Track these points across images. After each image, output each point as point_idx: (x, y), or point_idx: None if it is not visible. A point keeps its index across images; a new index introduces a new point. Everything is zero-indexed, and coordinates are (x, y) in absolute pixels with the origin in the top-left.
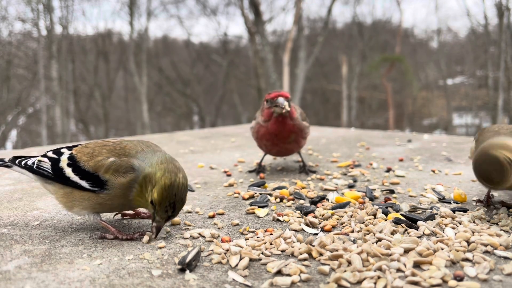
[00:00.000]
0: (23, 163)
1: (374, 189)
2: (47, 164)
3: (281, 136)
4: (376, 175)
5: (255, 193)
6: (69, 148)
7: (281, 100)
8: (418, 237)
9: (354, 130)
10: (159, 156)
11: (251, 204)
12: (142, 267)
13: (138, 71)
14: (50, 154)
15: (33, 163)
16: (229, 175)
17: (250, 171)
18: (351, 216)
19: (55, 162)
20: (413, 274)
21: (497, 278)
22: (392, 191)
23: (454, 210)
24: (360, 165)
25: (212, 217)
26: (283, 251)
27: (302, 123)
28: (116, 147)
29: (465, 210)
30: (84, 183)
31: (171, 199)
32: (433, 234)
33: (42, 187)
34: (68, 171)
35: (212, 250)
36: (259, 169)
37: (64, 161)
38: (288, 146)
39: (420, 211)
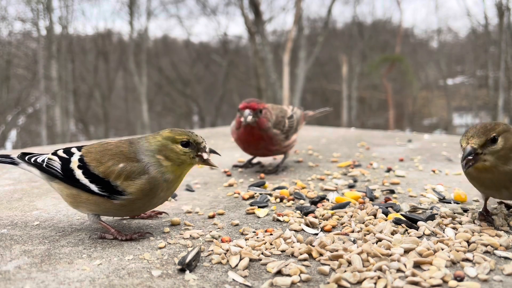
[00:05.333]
0: (32, 160)
1: (374, 189)
2: (57, 164)
3: (250, 143)
4: (376, 175)
5: (255, 193)
6: (79, 148)
7: (246, 113)
8: (418, 237)
9: (354, 130)
10: (144, 139)
11: (251, 204)
12: (142, 267)
13: (138, 71)
14: (61, 153)
15: (43, 161)
16: (229, 175)
17: (238, 166)
18: (351, 216)
19: (65, 162)
20: (413, 274)
21: (497, 278)
22: (392, 191)
23: (454, 211)
24: (360, 165)
25: (212, 217)
26: (283, 251)
27: (273, 131)
28: (117, 151)
29: (465, 210)
30: (93, 187)
31: (184, 130)
32: (433, 234)
33: (47, 185)
34: (79, 173)
35: (212, 250)
36: (247, 164)
37: (74, 162)
38: (258, 152)
39: (420, 211)
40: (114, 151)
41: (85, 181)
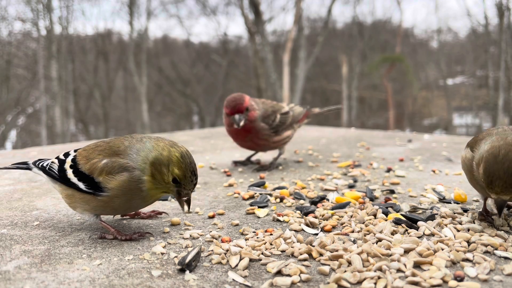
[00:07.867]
0: (40, 164)
1: (374, 189)
2: (56, 166)
3: (238, 134)
4: (376, 175)
5: (255, 193)
6: (75, 150)
7: (236, 118)
8: (419, 237)
9: (354, 130)
10: (149, 141)
11: (251, 204)
12: (142, 267)
13: (138, 71)
14: (61, 155)
15: (47, 164)
16: (229, 175)
17: (238, 162)
18: (351, 216)
19: (61, 164)
20: (413, 275)
21: (497, 279)
22: (392, 191)
23: (454, 211)
24: (360, 165)
25: (212, 217)
26: (283, 251)
27: (260, 124)
28: (106, 146)
29: (465, 210)
30: (81, 185)
31: (191, 167)
32: (433, 235)
33: (47, 185)
34: (69, 173)
35: (212, 250)
36: (245, 162)
37: (68, 162)
38: (246, 144)
39: (420, 211)
40: (103, 147)
41: (74, 179)
